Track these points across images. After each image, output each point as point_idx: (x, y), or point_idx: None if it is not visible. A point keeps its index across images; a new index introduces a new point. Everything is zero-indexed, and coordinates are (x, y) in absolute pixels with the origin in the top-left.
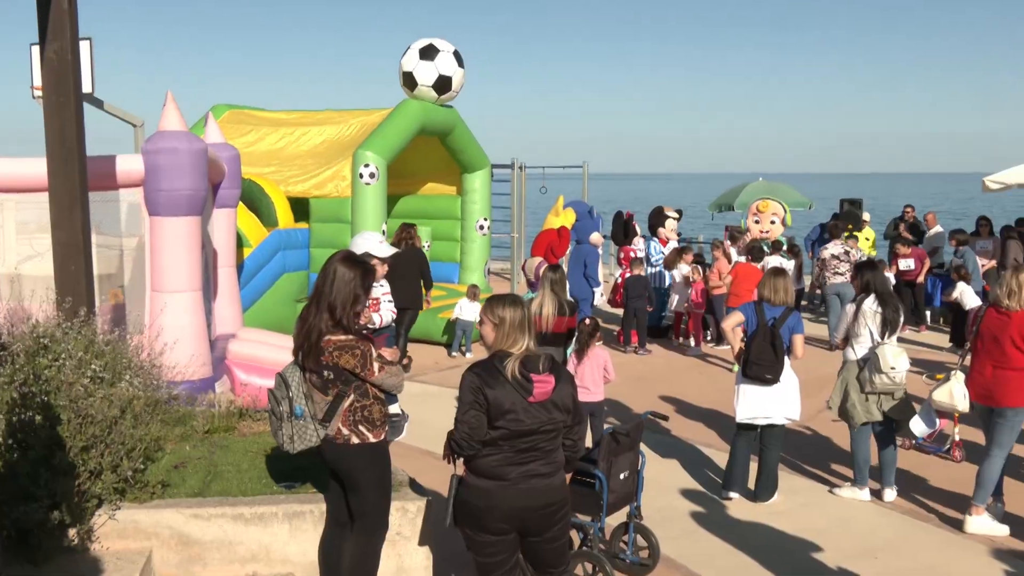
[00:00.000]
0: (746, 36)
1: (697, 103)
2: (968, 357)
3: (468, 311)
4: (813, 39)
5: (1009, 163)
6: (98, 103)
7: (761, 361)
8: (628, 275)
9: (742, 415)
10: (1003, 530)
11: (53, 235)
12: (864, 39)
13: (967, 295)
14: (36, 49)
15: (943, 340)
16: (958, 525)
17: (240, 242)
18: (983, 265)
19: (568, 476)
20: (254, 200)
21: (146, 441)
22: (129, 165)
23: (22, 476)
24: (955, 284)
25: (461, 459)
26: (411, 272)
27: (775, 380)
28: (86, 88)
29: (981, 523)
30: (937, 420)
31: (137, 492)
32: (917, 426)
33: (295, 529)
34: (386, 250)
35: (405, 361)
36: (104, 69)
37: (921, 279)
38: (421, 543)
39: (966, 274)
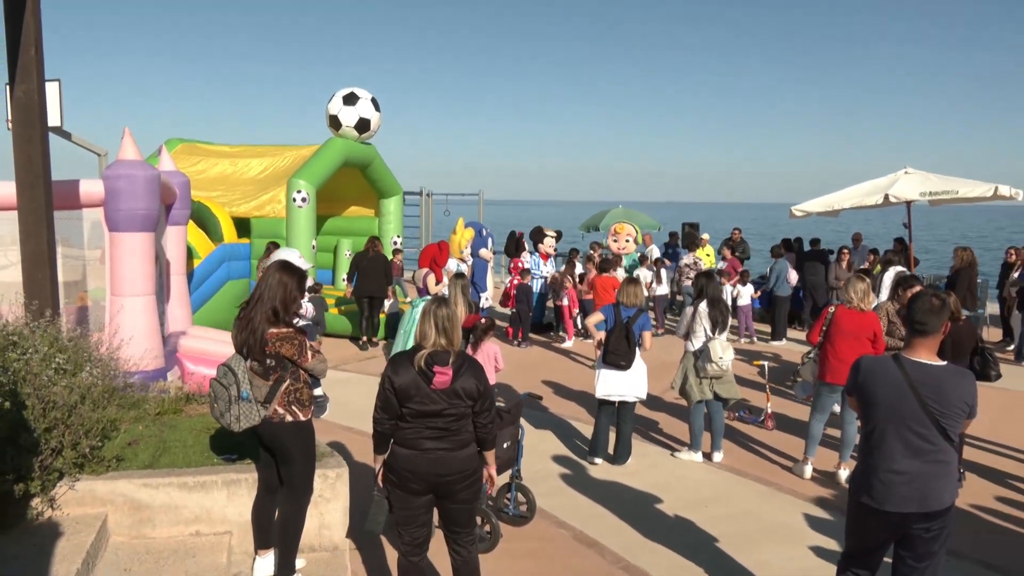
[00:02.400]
0: (609, 90)
1: (573, 142)
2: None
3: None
4: (662, 94)
5: (808, 195)
6: (66, 135)
7: (617, 351)
8: (518, 283)
9: (600, 392)
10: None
11: (22, 248)
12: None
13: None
14: (8, 88)
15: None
16: (773, 480)
17: (190, 254)
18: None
19: (490, 457)
20: (203, 219)
21: (103, 422)
22: (92, 188)
23: None
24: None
25: (381, 468)
26: (376, 271)
27: (628, 366)
28: (55, 122)
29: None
30: (811, 389)
31: (94, 466)
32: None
33: (232, 494)
34: (304, 264)
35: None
36: (74, 105)
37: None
38: (339, 503)
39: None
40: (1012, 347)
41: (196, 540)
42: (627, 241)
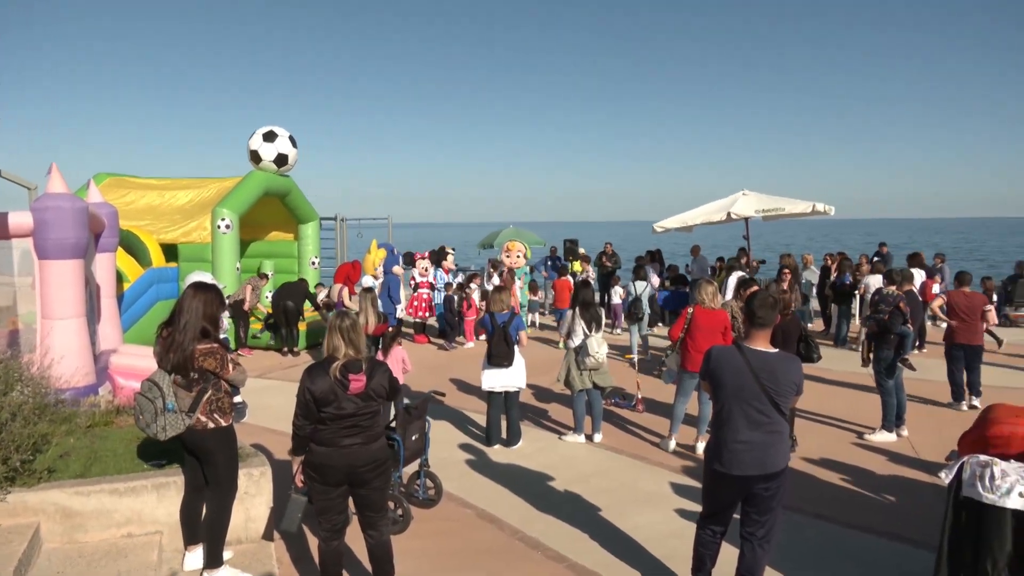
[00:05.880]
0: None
1: (468, 169)
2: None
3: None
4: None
5: (668, 213)
6: None
7: (499, 353)
8: (443, 295)
9: (486, 386)
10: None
11: None
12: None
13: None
14: None
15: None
16: (644, 455)
17: (120, 278)
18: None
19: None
20: (132, 245)
21: (35, 437)
22: (21, 220)
23: None
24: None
25: (299, 471)
26: (296, 291)
27: (509, 365)
28: None
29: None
30: (675, 376)
31: (26, 478)
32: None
33: (162, 497)
34: (219, 284)
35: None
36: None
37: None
38: (263, 498)
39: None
40: (832, 334)
41: (128, 541)
42: (518, 256)
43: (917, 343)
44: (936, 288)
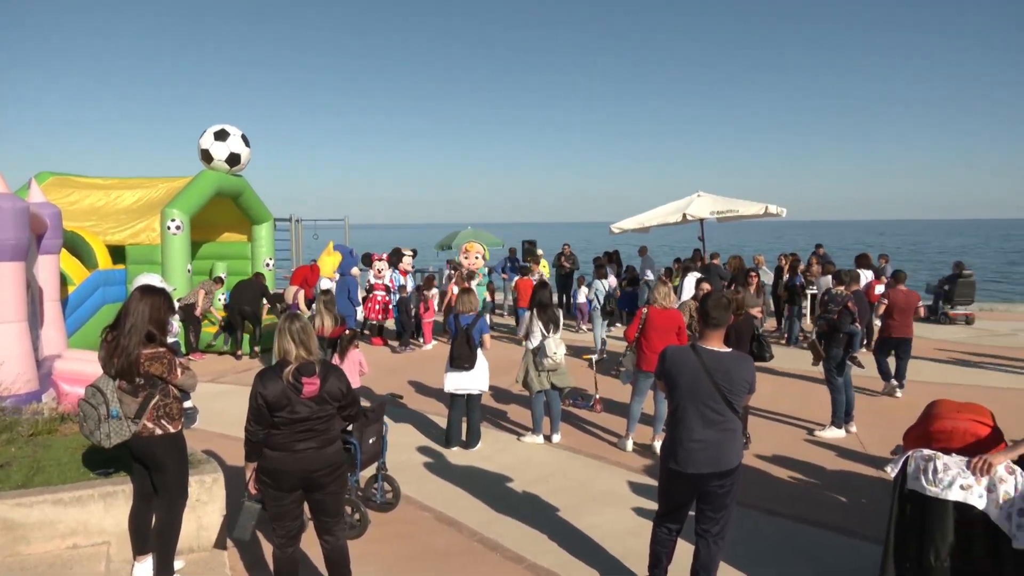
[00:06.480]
0: (456, 122)
1: (426, 171)
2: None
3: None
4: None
5: (625, 214)
6: None
7: (461, 356)
8: (397, 297)
9: (449, 388)
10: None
11: None
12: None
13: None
14: None
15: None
16: (602, 455)
17: (64, 281)
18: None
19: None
20: (76, 247)
21: None
22: None
23: None
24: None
25: (252, 475)
26: (252, 290)
27: (471, 367)
28: None
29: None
30: (631, 376)
31: None
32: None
33: (109, 506)
34: (167, 287)
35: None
36: None
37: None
38: (216, 505)
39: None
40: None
41: (73, 552)
42: (476, 258)
43: (865, 341)
44: (879, 289)
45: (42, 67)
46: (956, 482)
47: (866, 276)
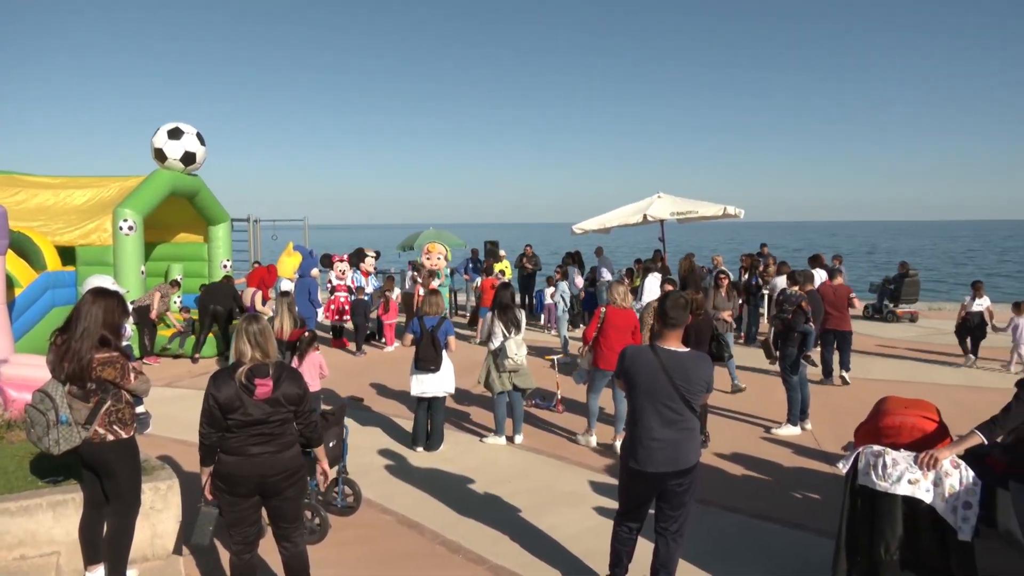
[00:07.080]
0: (417, 121)
1: (388, 171)
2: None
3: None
4: (467, 127)
5: (586, 215)
6: None
7: (426, 358)
8: (353, 299)
9: (415, 391)
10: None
11: None
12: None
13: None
14: None
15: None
16: (564, 455)
17: (11, 283)
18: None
19: (320, 453)
20: (23, 248)
21: None
22: None
23: None
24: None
25: (208, 480)
26: (223, 292)
27: (437, 369)
28: None
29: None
30: (586, 376)
31: None
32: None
33: (59, 515)
34: (120, 290)
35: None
36: None
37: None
38: (171, 512)
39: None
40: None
41: (20, 564)
42: (439, 259)
43: (819, 340)
44: None
45: None
46: (904, 477)
47: (820, 276)
